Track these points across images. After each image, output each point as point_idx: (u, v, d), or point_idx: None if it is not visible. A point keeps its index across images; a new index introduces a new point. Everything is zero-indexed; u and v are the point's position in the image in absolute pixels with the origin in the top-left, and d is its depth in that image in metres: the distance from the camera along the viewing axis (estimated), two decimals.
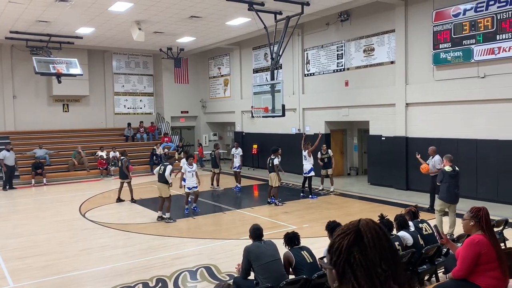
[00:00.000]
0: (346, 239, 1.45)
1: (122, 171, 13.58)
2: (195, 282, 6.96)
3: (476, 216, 4.39)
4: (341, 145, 18.53)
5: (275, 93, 13.53)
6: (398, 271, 1.43)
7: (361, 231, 1.45)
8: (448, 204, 8.90)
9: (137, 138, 23.07)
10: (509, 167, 11.75)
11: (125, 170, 13.47)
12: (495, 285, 4.28)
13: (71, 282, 7.11)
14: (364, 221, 1.49)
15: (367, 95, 15.53)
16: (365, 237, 1.44)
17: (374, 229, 1.46)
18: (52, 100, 22.01)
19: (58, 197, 15.13)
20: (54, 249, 8.93)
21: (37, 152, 19.16)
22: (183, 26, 17.15)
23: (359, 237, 1.44)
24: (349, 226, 1.50)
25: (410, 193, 13.91)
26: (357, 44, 16.05)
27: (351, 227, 1.48)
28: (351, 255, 1.42)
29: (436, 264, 6.22)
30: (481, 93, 12.25)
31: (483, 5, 11.98)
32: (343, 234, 1.48)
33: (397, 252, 1.48)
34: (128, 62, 24.09)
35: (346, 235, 1.47)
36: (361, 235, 1.44)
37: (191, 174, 11.91)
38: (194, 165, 12.15)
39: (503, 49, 11.58)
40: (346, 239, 1.45)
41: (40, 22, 15.95)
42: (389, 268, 1.41)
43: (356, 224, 1.49)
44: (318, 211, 11.95)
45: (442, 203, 8.97)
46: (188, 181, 11.92)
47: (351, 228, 1.48)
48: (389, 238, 1.49)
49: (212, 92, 24.96)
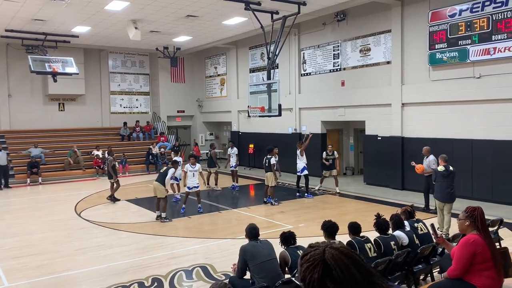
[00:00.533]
0: (316, 272, 1.43)
1: (108, 171, 13.53)
2: (191, 281, 6.95)
3: (471, 216, 4.41)
4: (337, 145, 18.54)
5: (272, 92, 13.53)
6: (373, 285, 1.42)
7: (328, 264, 1.43)
8: (443, 204, 8.95)
9: (133, 137, 23.02)
10: (504, 167, 11.81)
11: (110, 170, 13.30)
12: (490, 285, 4.30)
13: (66, 282, 7.09)
14: (330, 253, 1.46)
15: (363, 95, 15.56)
16: (334, 270, 1.42)
17: (340, 260, 1.44)
18: (47, 99, 21.93)
19: (54, 197, 15.07)
20: (49, 248, 8.90)
21: (32, 151, 19.08)
22: (180, 25, 17.13)
23: (328, 269, 1.42)
24: (314, 256, 1.47)
25: (405, 193, 13.95)
26: (354, 44, 16.08)
27: (317, 257, 1.45)
28: (325, 286, 1.41)
29: (432, 263, 6.24)
30: (477, 94, 12.30)
31: (478, 5, 12.03)
32: (311, 267, 1.45)
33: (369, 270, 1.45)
34: (124, 61, 24.04)
35: (313, 267, 1.44)
36: (329, 268, 1.42)
37: (192, 174, 11.97)
38: (197, 165, 12.16)
39: (499, 50, 11.63)
40: (316, 272, 1.43)
41: (35, 21, 15.88)
42: None
43: (321, 254, 1.46)
44: (314, 210, 11.97)
45: (438, 203, 9.06)
46: (189, 181, 11.98)
47: (317, 259, 1.45)
48: (357, 261, 1.46)
49: (209, 92, 24.93)
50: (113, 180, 13.40)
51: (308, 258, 1.49)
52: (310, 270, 1.45)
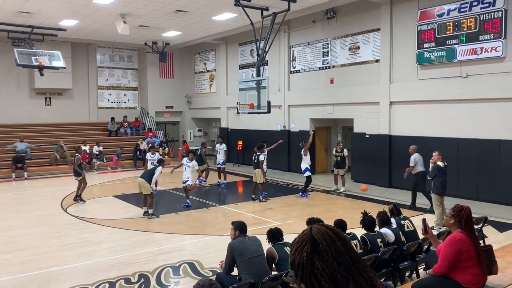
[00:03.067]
0: (305, 251, 1.44)
1: (74, 169, 12.88)
2: (178, 278, 6.93)
3: (457, 215, 4.47)
4: (326, 143, 18.65)
5: (261, 89, 13.52)
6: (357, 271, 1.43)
7: (315, 239, 1.44)
8: (442, 198, 9.28)
9: (120, 132, 22.84)
10: (489, 166, 11.97)
11: (77, 168, 12.70)
12: (474, 281, 4.36)
13: (51, 278, 7.02)
14: (316, 228, 1.48)
15: (352, 93, 15.63)
16: (320, 244, 1.43)
17: (327, 233, 1.45)
18: (34, 93, 21.64)
19: (39, 192, 14.91)
20: (35, 244, 8.80)
21: (18, 145, 18.82)
22: (169, 20, 17.01)
23: (315, 245, 1.43)
24: (302, 237, 1.48)
25: (392, 191, 14.08)
26: (343, 42, 16.13)
27: (305, 237, 1.47)
28: (314, 265, 1.41)
29: (417, 260, 6.31)
30: (464, 93, 12.44)
31: (466, 5, 12.15)
32: (300, 247, 1.46)
33: (353, 250, 1.47)
34: (113, 55, 23.81)
35: (302, 246, 1.45)
36: (316, 243, 1.44)
37: (184, 168, 12.10)
38: (193, 161, 12.22)
39: (485, 50, 11.77)
40: (305, 251, 1.44)
41: (22, 13, 15.63)
42: (348, 272, 1.41)
43: (308, 233, 1.47)
44: (302, 207, 12.01)
45: (438, 198, 9.23)
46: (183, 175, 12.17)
47: (305, 238, 1.46)
48: (343, 238, 1.48)
49: (198, 88, 24.83)
50: (80, 178, 12.70)
51: (297, 240, 1.50)
52: (299, 250, 1.46)
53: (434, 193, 9.36)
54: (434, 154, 9.55)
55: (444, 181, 9.34)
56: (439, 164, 9.30)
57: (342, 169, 14.03)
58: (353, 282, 1.41)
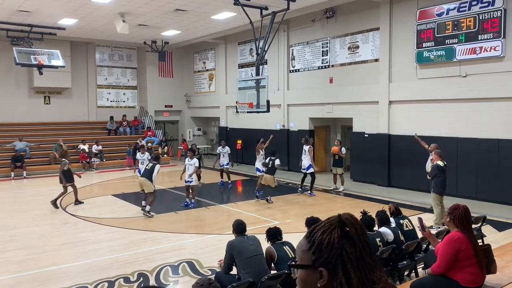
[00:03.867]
0: (335, 233, 1.43)
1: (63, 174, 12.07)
2: (177, 277, 6.94)
3: (452, 214, 4.49)
4: (325, 142, 18.65)
5: (260, 88, 13.51)
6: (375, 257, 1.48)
7: (346, 224, 1.45)
8: (442, 197, 9.32)
9: (119, 131, 22.82)
10: (488, 165, 11.99)
11: (61, 174, 12.08)
12: (473, 281, 4.37)
13: (50, 277, 7.02)
14: (346, 214, 1.50)
15: (351, 92, 15.64)
16: (352, 229, 1.44)
17: (357, 222, 1.48)
18: (33, 92, 21.62)
19: (38, 191, 14.89)
20: (34, 243, 8.79)
21: (17, 144, 18.81)
22: (168, 19, 16.99)
23: (344, 230, 1.45)
24: (331, 221, 1.48)
25: (391, 190, 14.08)
26: (342, 41, 16.13)
27: (333, 222, 1.47)
28: (342, 248, 1.41)
29: (416, 259, 6.32)
30: (463, 92, 12.44)
31: (465, 5, 12.15)
32: (327, 230, 1.45)
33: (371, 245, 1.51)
34: (112, 54, 23.79)
35: (331, 230, 1.44)
36: (346, 227, 1.45)
37: (186, 167, 12.09)
38: (194, 159, 12.08)
39: (485, 49, 11.78)
40: (335, 233, 1.43)
41: (21, 12, 15.61)
42: (373, 259, 1.44)
43: (337, 219, 1.48)
44: (301, 207, 12.02)
45: (438, 197, 9.26)
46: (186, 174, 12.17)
47: (334, 224, 1.46)
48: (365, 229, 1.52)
49: (197, 87, 24.82)
50: (64, 184, 12.00)
51: (323, 224, 1.49)
52: (327, 233, 1.45)
53: (434, 193, 9.37)
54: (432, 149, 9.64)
55: (444, 180, 9.37)
56: (439, 163, 9.32)
57: (341, 167, 14.03)
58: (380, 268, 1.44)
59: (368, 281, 1.40)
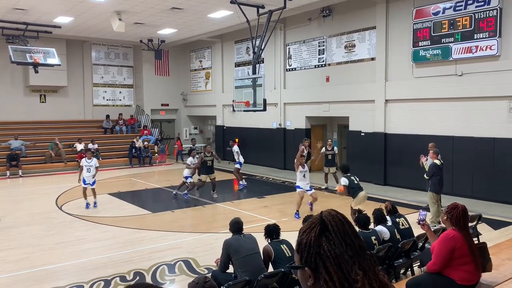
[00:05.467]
0: (313, 232, 1.46)
1: None
2: (173, 275, 6.93)
3: (450, 213, 4.51)
4: (321, 141, 18.63)
5: (257, 87, 13.51)
6: (362, 256, 1.45)
7: (325, 221, 1.46)
8: (439, 195, 9.38)
9: (116, 130, 22.76)
10: (483, 164, 12.03)
11: None
12: (468, 278, 4.39)
13: (46, 276, 6.99)
14: (326, 211, 1.52)
15: (348, 91, 15.65)
16: (329, 225, 1.45)
17: (336, 216, 1.48)
18: (28, 90, 21.52)
19: (34, 190, 14.83)
20: (29, 242, 8.76)
21: (12, 143, 18.73)
22: (164, 17, 16.95)
23: (324, 227, 1.46)
24: (312, 220, 1.51)
25: (388, 188, 14.11)
26: (339, 40, 16.14)
27: (315, 220, 1.50)
28: (320, 247, 1.43)
29: (412, 258, 6.34)
30: (459, 91, 12.48)
31: (462, 4, 12.18)
32: (308, 229, 1.48)
33: (360, 237, 1.49)
34: (108, 53, 23.70)
35: (311, 229, 1.47)
36: (325, 225, 1.46)
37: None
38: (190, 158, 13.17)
39: (480, 48, 11.81)
40: (313, 232, 1.46)
41: (16, 10, 15.52)
42: (354, 254, 1.43)
43: (318, 216, 1.50)
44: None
45: (434, 196, 9.32)
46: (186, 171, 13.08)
47: (315, 222, 1.49)
48: (351, 224, 1.50)
49: (193, 85, 24.78)
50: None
51: (307, 223, 1.53)
52: (307, 232, 1.48)
53: (431, 191, 9.40)
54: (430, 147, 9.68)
55: (441, 179, 9.43)
56: (436, 162, 9.35)
57: (334, 167, 14.05)
58: (358, 264, 1.42)
59: (347, 279, 1.39)
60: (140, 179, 16.86)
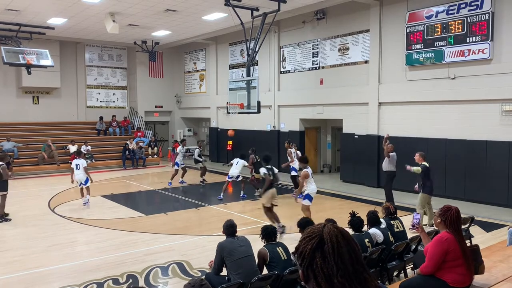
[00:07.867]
0: (310, 244, 1.48)
1: None
2: (167, 278, 6.90)
3: (443, 215, 4.52)
4: (315, 143, 18.72)
5: (251, 89, 13.52)
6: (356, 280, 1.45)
7: (323, 238, 1.47)
8: (430, 197, 9.42)
9: (109, 132, 22.68)
10: (476, 166, 12.12)
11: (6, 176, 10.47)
12: (461, 281, 4.41)
13: (38, 279, 6.94)
14: (328, 227, 1.51)
15: (341, 93, 15.71)
16: (326, 244, 1.46)
17: (336, 236, 1.48)
18: (21, 92, 21.38)
19: (26, 192, 14.72)
20: (21, 244, 8.70)
21: (4, 145, 18.58)
22: (159, 19, 16.92)
23: (322, 242, 1.46)
24: (314, 230, 1.52)
25: (381, 191, 14.10)
26: (332, 43, 16.20)
27: (316, 231, 1.51)
28: (314, 260, 1.45)
29: (405, 260, 6.36)
30: (451, 94, 12.57)
31: (454, 8, 12.28)
32: (308, 238, 1.50)
33: (359, 255, 1.49)
34: (101, 54, 23.62)
35: (310, 239, 1.49)
36: (323, 242, 1.47)
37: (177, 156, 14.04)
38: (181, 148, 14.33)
39: (473, 52, 11.91)
40: (310, 244, 1.48)
41: (9, 11, 15.43)
42: (346, 279, 1.43)
43: (320, 229, 1.51)
44: (291, 208, 12.00)
45: (427, 197, 9.37)
46: None
47: (316, 233, 1.50)
48: (352, 244, 1.49)
49: (188, 87, 24.75)
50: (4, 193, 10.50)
51: (309, 230, 1.55)
52: (306, 241, 1.51)
53: (424, 193, 9.40)
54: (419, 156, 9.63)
55: (432, 181, 9.50)
56: (426, 164, 9.40)
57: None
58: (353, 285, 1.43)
59: None
60: (134, 181, 16.80)
